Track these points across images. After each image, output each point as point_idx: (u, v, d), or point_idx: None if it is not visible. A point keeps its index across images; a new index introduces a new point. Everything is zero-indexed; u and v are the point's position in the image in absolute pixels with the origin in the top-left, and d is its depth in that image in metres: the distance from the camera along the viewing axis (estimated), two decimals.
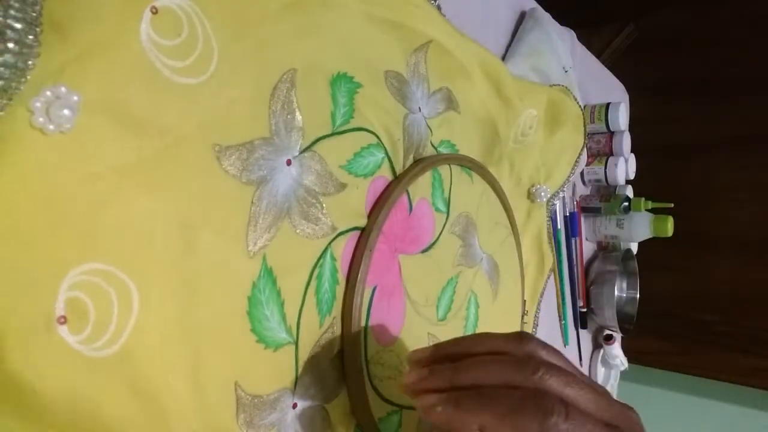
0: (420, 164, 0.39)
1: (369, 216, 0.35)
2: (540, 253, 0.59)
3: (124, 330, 0.22)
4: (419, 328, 0.39)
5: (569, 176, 0.61)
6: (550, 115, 0.56)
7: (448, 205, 0.43)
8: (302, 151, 0.30)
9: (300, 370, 0.31)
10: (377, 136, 0.36)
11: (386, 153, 0.37)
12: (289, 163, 0.30)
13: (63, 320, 0.20)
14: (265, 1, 0.29)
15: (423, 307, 0.39)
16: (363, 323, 0.34)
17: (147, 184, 0.23)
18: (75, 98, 0.20)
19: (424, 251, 0.40)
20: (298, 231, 0.30)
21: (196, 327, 0.25)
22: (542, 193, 0.57)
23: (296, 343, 0.30)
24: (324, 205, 0.32)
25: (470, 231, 0.45)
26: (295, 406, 0.30)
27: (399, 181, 0.37)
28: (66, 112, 0.20)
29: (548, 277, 0.61)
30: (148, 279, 0.23)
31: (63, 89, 0.20)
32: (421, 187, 0.40)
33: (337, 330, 0.33)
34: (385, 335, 0.36)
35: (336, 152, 0.33)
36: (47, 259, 0.20)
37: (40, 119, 0.20)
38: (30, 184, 0.20)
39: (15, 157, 0.19)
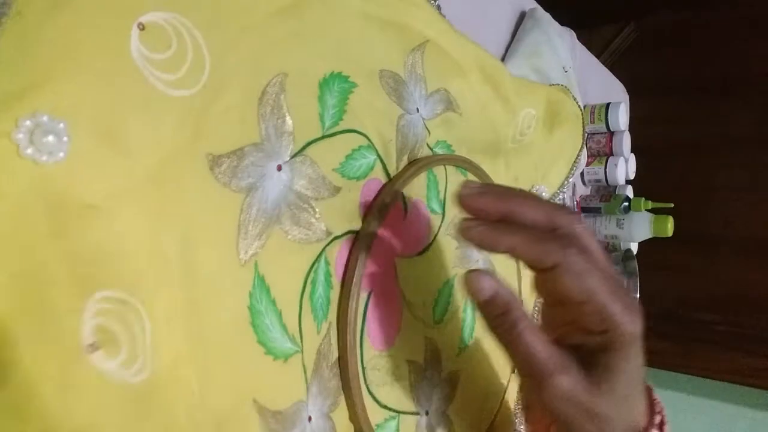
0: (414, 165, 0.39)
1: (363, 219, 0.35)
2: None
3: (147, 354, 0.22)
4: (416, 332, 0.38)
5: (568, 177, 0.61)
6: (549, 115, 0.56)
7: (443, 206, 0.42)
8: (293, 156, 0.30)
9: (309, 379, 0.30)
10: (367, 137, 0.35)
11: (378, 155, 0.36)
12: (279, 168, 0.29)
13: (92, 348, 0.20)
14: (258, 7, 0.28)
15: (420, 310, 0.39)
16: (359, 328, 0.33)
17: (144, 204, 0.23)
18: (61, 125, 0.20)
19: (420, 254, 0.39)
20: (289, 237, 0.30)
21: (203, 345, 0.25)
22: (542, 194, 0.56)
23: (302, 351, 0.30)
24: (317, 209, 0.31)
25: None
26: (310, 419, 0.30)
27: (393, 183, 0.36)
28: (51, 138, 0.19)
29: None
30: (155, 301, 0.23)
31: (45, 118, 0.20)
32: (416, 188, 0.39)
33: (334, 335, 0.32)
34: (382, 340, 0.35)
35: (328, 155, 0.32)
36: (62, 292, 0.20)
37: (28, 151, 0.19)
38: (33, 216, 0.20)
39: (12, 191, 0.19)
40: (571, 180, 0.61)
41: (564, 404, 0.26)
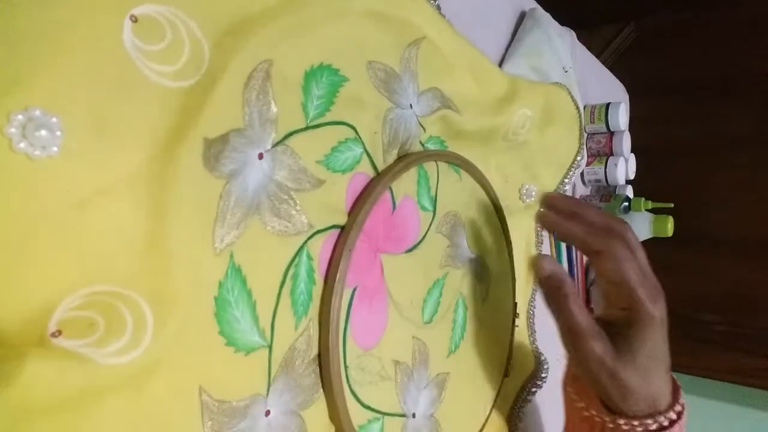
0: (404, 160, 0.38)
1: (349, 213, 0.34)
2: (528, 253, 0.58)
3: (140, 343, 0.22)
4: (403, 332, 0.38)
5: (564, 180, 0.60)
6: (545, 114, 0.55)
7: (434, 203, 0.42)
8: (274, 145, 0.29)
9: (273, 374, 0.29)
10: (355, 130, 0.35)
11: (364, 148, 0.36)
12: (261, 156, 0.29)
13: (57, 334, 0.20)
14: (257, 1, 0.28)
15: (407, 310, 0.38)
16: (342, 326, 0.33)
17: (141, 195, 0.23)
18: (54, 120, 0.20)
19: (408, 251, 0.39)
20: (268, 228, 0.29)
21: (177, 333, 0.25)
22: (531, 193, 0.56)
23: (270, 347, 0.29)
24: (297, 201, 0.31)
25: (458, 231, 0.44)
26: (268, 413, 0.29)
27: (381, 178, 0.36)
28: (43, 132, 0.19)
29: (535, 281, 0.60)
30: (155, 295, 0.23)
31: (37, 112, 0.20)
32: (406, 184, 0.39)
33: (314, 332, 0.32)
34: (366, 338, 0.35)
35: (312, 147, 0.32)
36: (40, 288, 0.20)
37: (21, 145, 0.19)
38: (20, 212, 0.20)
39: (2, 184, 0.19)
40: (567, 184, 0.61)
41: (596, 366, 0.33)
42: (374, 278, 0.36)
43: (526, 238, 0.58)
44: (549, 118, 0.56)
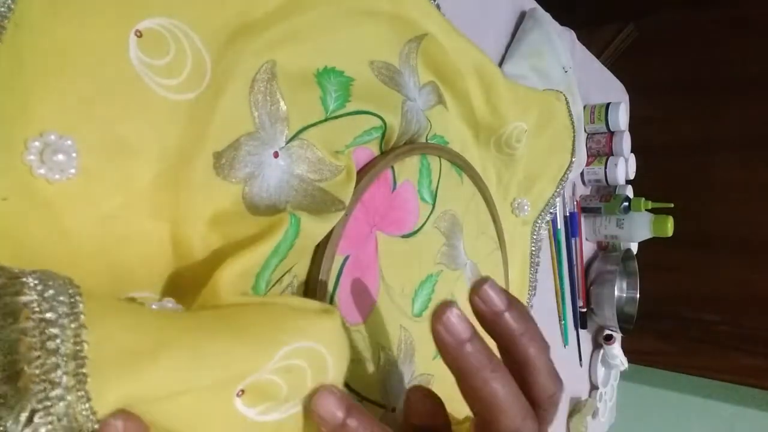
0: (409, 145, 0.38)
1: None
2: (522, 277, 0.57)
3: None
4: (392, 317, 0.37)
5: (554, 193, 0.59)
6: (540, 127, 0.54)
7: (434, 197, 0.42)
8: (288, 141, 0.30)
9: None
10: (381, 119, 0.35)
11: (383, 133, 0.36)
12: (276, 155, 0.29)
13: None
14: (257, 7, 0.29)
15: (398, 296, 0.38)
16: (330, 290, 0.32)
17: (157, 210, 0.23)
18: (69, 142, 0.20)
19: (405, 236, 0.39)
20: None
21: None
22: (525, 207, 0.55)
23: None
24: (326, 190, 0.31)
25: (455, 232, 0.44)
26: None
27: (384, 156, 0.36)
28: (60, 157, 0.20)
29: (529, 304, 0.58)
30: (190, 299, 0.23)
31: (52, 137, 0.20)
32: (408, 169, 0.39)
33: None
34: (353, 313, 0.34)
35: (333, 137, 0.32)
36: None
37: (41, 171, 0.20)
38: (46, 234, 0.20)
39: (26, 210, 0.20)
40: (558, 197, 0.60)
41: None
42: (368, 254, 0.35)
43: (521, 251, 0.57)
44: (543, 131, 0.55)
